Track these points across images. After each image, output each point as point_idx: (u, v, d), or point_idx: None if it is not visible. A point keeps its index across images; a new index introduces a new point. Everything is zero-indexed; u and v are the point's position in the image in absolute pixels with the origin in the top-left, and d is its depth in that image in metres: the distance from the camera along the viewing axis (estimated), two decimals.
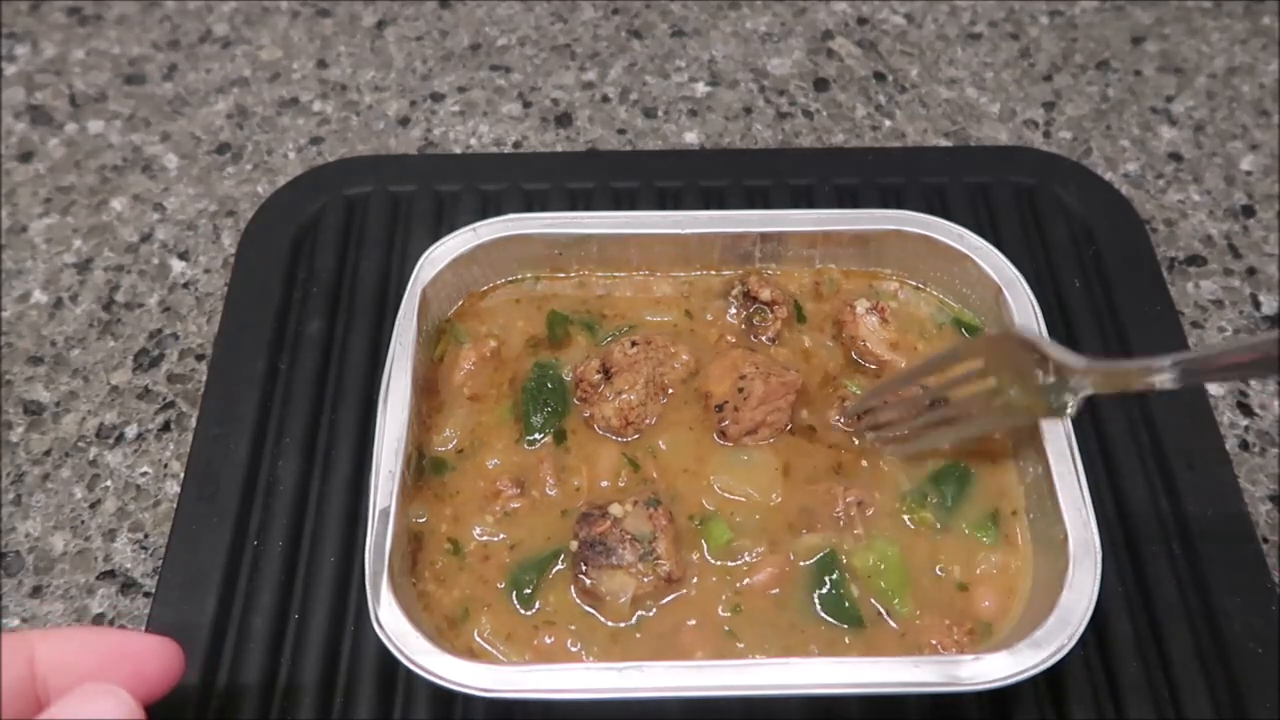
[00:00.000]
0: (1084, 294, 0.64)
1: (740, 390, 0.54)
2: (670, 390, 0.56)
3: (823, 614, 0.49)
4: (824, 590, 0.49)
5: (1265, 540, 0.56)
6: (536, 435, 0.54)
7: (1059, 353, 0.46)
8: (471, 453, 0.54)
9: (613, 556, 0.49)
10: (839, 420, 0.55)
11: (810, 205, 0.67)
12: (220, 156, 0.76)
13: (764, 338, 0.58)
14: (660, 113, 0.78)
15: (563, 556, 0.50)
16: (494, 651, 0.48)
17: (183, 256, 0.70)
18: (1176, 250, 0.70)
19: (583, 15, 0.85)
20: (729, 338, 0.58)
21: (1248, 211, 0.72)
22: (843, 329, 0.58)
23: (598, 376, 0.55)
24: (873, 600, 0.49)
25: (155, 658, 0.39)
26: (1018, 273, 0.56)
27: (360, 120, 0.78)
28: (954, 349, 0.53)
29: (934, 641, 0.48)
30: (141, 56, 0.82)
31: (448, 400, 0.56)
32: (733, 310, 0.59)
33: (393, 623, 0.45)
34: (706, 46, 0.82)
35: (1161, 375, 0.43)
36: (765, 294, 0.58)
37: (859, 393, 0.55)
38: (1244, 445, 0.61)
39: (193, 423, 0.61)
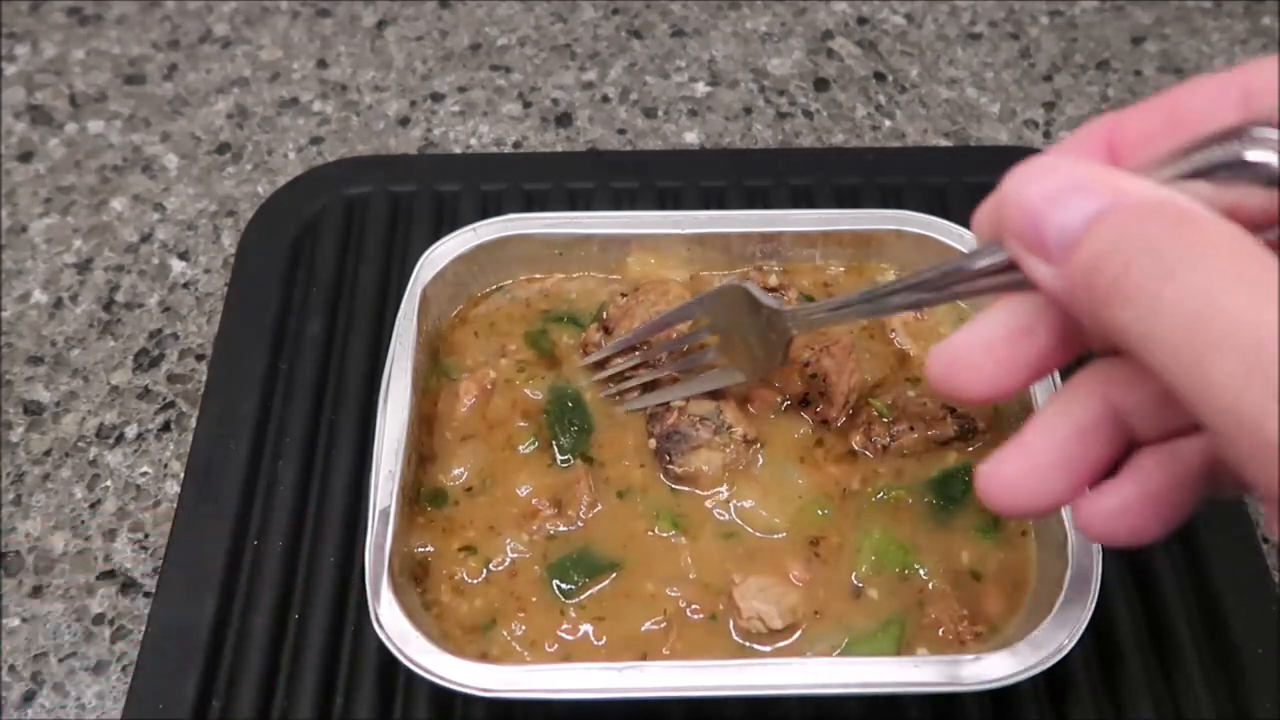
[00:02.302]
0: None
1: (813, 376, 0.54)
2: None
3: None
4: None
5: (1265, 540, 0.56)
6: (568, 456, 0.54)
7: (766, 299, 0.49)
8: (485, 489, 0.53)
9: (691, 439, 0.52)
10: (860, 444, 0.54)
11: (810, 205, 0.67)
12: (220, 156, 0.76)
13: None
14: (660, 113, 0.78)
15: (616, 572, 0.50)
16: (521, 652, 0.48)
17: (183, 256, 0.70)
18: None
19: (583, 15, 0.85)
20: None
21: None
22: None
23: (599, 335, 0.56)
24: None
25: None
26: None
27: (360, 120, 0.78)
28: (683, 306, 0.54)
29: (940, 629, 0.48)
30: (141, 56, 0.82)
31: (452, 439, 0.55)
32: None
33: (393, 623, 0.45)
34: (706, 46, 0.82)
35: (847, 310, 0.42)
36: (772, 279, 0.58)
37: (884, 415, 0.54)
38: None
39: (193, 423, 0.61)
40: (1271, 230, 0.25)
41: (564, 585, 0.50)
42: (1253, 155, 0.24)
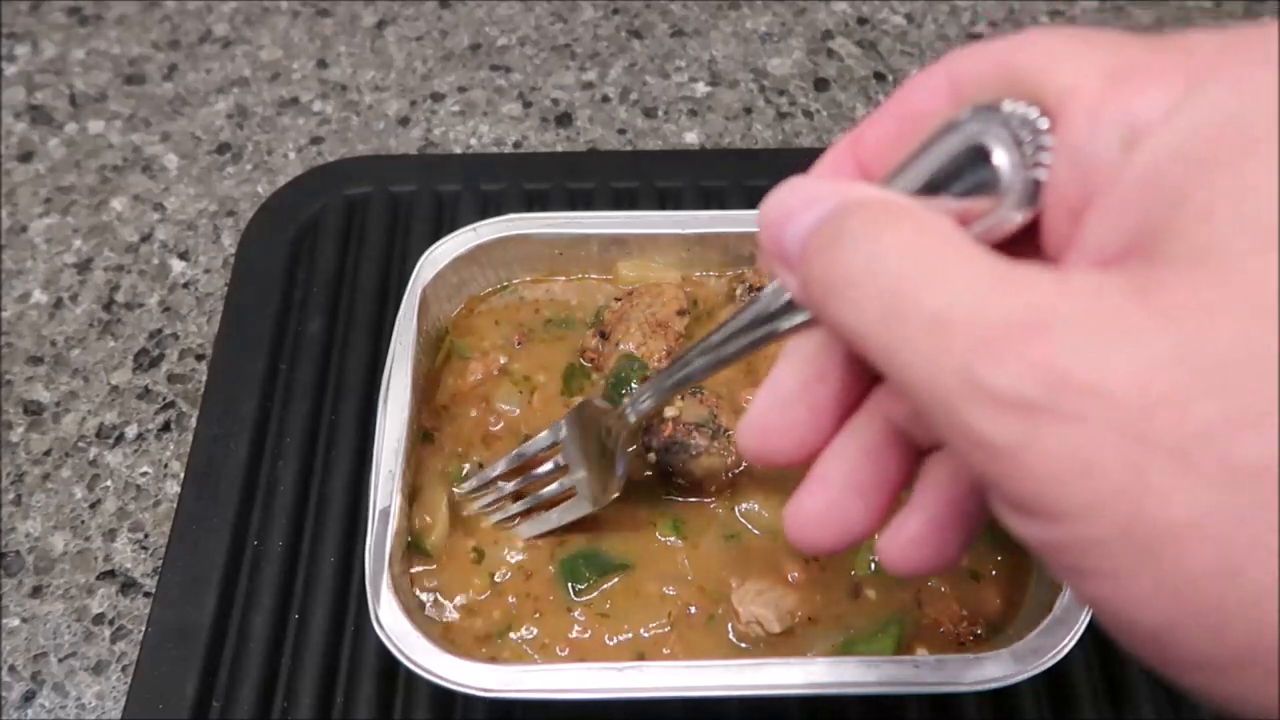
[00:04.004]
0: None
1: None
2: (669, 325, 0.56)
3: None
4: None
5: None
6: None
7: (599, 403, 0.49)
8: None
9: (689, 449, 0.51)
10: None
11: None
12: (220, 156, 0.76)
13: None
14: (660, 113, 0.78)
15: (629, 572, 0.50)
16: (532, 654, 0.48)
17: (183, 256, 0.70)
18: None
19: (583, 15, 0.85)
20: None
21: None
22: None
23: (595, 341, 0.57)
24: None
25: None
26: None
27: (360, 120, 0.78)
28: (541, 435, 0.52)
29: (940, 629, 0.48)
30: (141, 56, 0.82)
31: (450, 410, 0.55)
32: None
33: (393, 623, 0.45)
34: (706, 46, 0.82)
35: (666, 386, 0.42)
36: (768, 280, 0.58)
37: None
38: None
39: (193, 423, 0.61)
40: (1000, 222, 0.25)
41: (576, 584, 0.50)
42: (980, 175, 0.24)
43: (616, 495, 0.49)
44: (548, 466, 0.51)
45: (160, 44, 0.83)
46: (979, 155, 0.24)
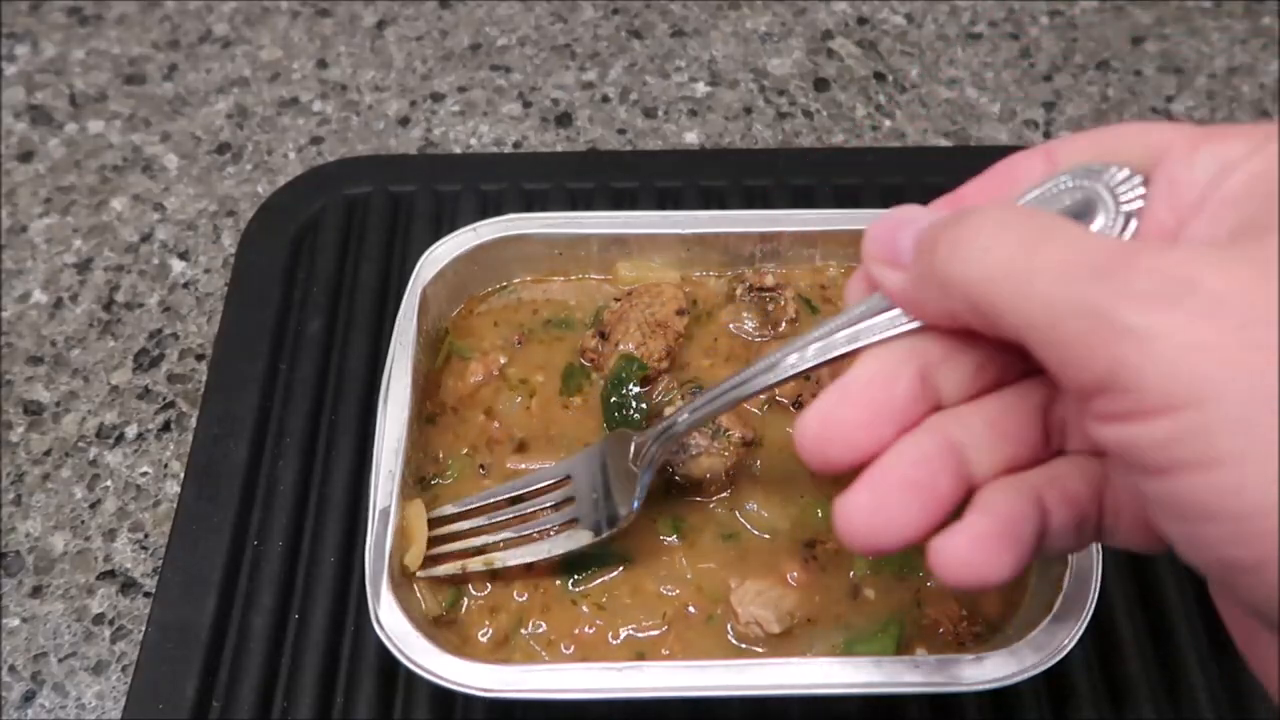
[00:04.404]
0: None
1: (806, 378, 0.54)
2: (668, 325, 0.56)
3: None
4: None
5: None
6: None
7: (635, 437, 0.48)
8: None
9: (689, 449, 0.51)
10: None
11: (810, 205, 0.67)
12: (220, 156, 0.76)
13: (784, 323, 0.58)
14: (660, 113, 0.78)
15: (628, 567, 0.50)
16: (540, 650, 0.48)
17: (183, 256, 0.70)
18: None
19: (583, 15, 0.85)
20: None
21: None
22: None
23: (595, 341, 0.56)
24: None
25: None
26: None
27: (360, 120, 0.78)
28: (558, 466, 0.51)
29: (939, 630, 0.48)
30: (141, 56, 0.82)
31: (450, 409, 0.55)
32: (746, 317, 0.59)
33: (393, 623, 0.45)
34: (706, 46, 0.82)
35: (680, 420, 0.43)
36: (769, 280, 0.58)
37: None
38: None
39: (193, 423, 0.61)
40: None
41: (575, 574, 0.50)
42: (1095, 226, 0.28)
43: (622, 527, 0.48)
44: (548, 497, 0.50)
45: (160, 44, 0.83)
46: (1077, 212, 0.28)
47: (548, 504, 0.50)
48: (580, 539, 0.49)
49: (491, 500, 0.51)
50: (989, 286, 0.26)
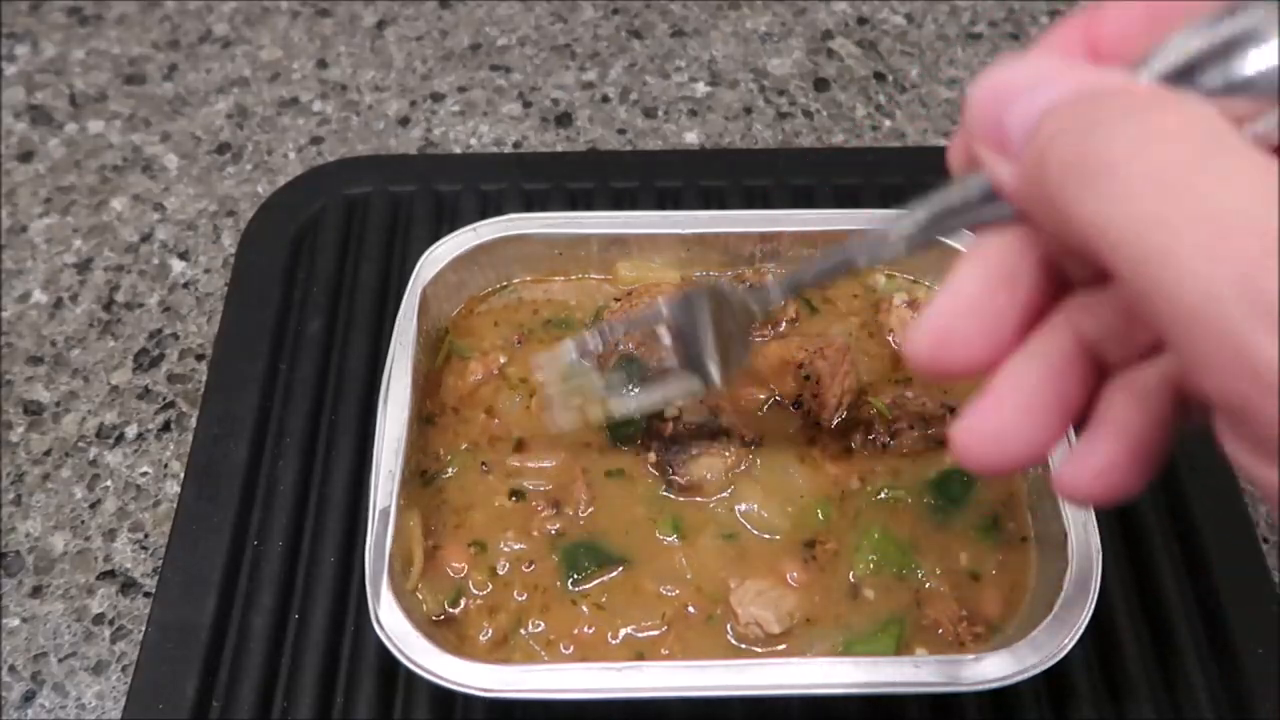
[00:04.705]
0: None
1: (807, 378, 0.54)
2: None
3: None
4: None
5: (1265, 540, 0.56)
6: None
7: (732, 290, 0.45)
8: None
9: (690, 448, 0.51)
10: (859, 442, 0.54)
11: (810, 205, 0.67)
12: (220, 156, 0.76)
13: (784, 323, 0.58)
14: (660, 113, 0.78)
15: (627, 567, 0.50)
16: (539, 650, 0.48)
17: (183, 256, 0.70)
18: None
19: (583, 15, 0.85)
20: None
21: None
22: (876, 314, 0.59)
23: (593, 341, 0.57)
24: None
25: None
26: None
27: (360, 120, 0.78)
28: (651, 310, 0.50)
29: (939, 630, 0.48)
30: (141, 56, 0.82)
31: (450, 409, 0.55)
32: None
33: (393, 623, 0.45)
34: (706, 46, 0.82)
35: (828, 270, 0.39)
36: (769, 280, 0.58)
37: (885, 414, 0.54)
38: None
39: (193, 423, 0.61)
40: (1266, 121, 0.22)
41: (575, 574, 0.50)
42: (1251, 64, 0.21)
43: (730, 380, 0.47)
44: (666, 340, 0.48)
45: (160, 44, 0.83)
46: (1248, 46, 0.21)
47: (662, 350, 0.48)
48: (693, 384, 0.47)
49: (606, 341, 0.51)
50: (1108, 242, 0.20)
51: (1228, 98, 0.21)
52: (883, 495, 0.52)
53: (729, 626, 0.49)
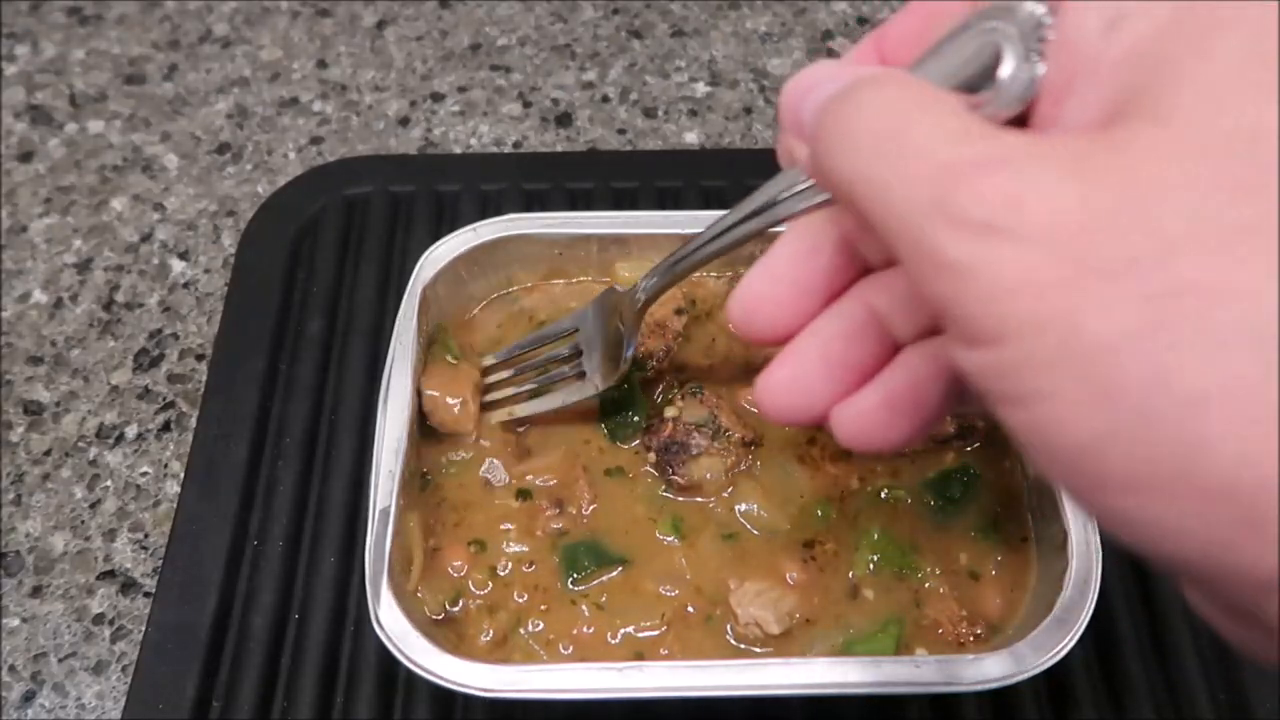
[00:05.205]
0: None
1: None
2: (667, 325, 0.56)
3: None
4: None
5: None
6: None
7: (617, 289, 0.50)
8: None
9: (690, 449, 0.51)
10: None
11: None
12: (220, 156, 0.76)
13: None
14: (660, 113, 0.78)
15: (627, 567, 0.50)
16: (539, 650, 0.48)
17: (183, 256, 0.70)
18: None
19: (583, 15, 0.85)
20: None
21: None
22: None
23: None
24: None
25: None
26: None
27: (360, 120, 0.78)
28: (562, 321, 0.55)
29: (939, 630, 0.48)
30: (141, 56, 0.82)
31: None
32: None
33: (393, 623, 0.45)
34: (706, 46, 0.82)
35: (679, 265, 0.44)
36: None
37: None
38: None
39: (193, 423, 0.61)
40: None
41: (574, 573, 0.50)
42: (1003, 69, 0.25)
43: (615, 381, 0.51)
44: (563, 350, 0.53)
45: (160, 44, 0.83)
46: (989, 56, 0.25)
47: (562, 356, 0.54)
48: (585, 389, 0.52)
49: (517, 353, 0.55)
50: (853, 189, 0.24)
51: (976, 94, 0.25)
52: (883, 495, 0.52)
53: (728, 627, 0.49)
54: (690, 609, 0.49)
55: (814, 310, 0.30)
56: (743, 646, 0.48)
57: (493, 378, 0.55)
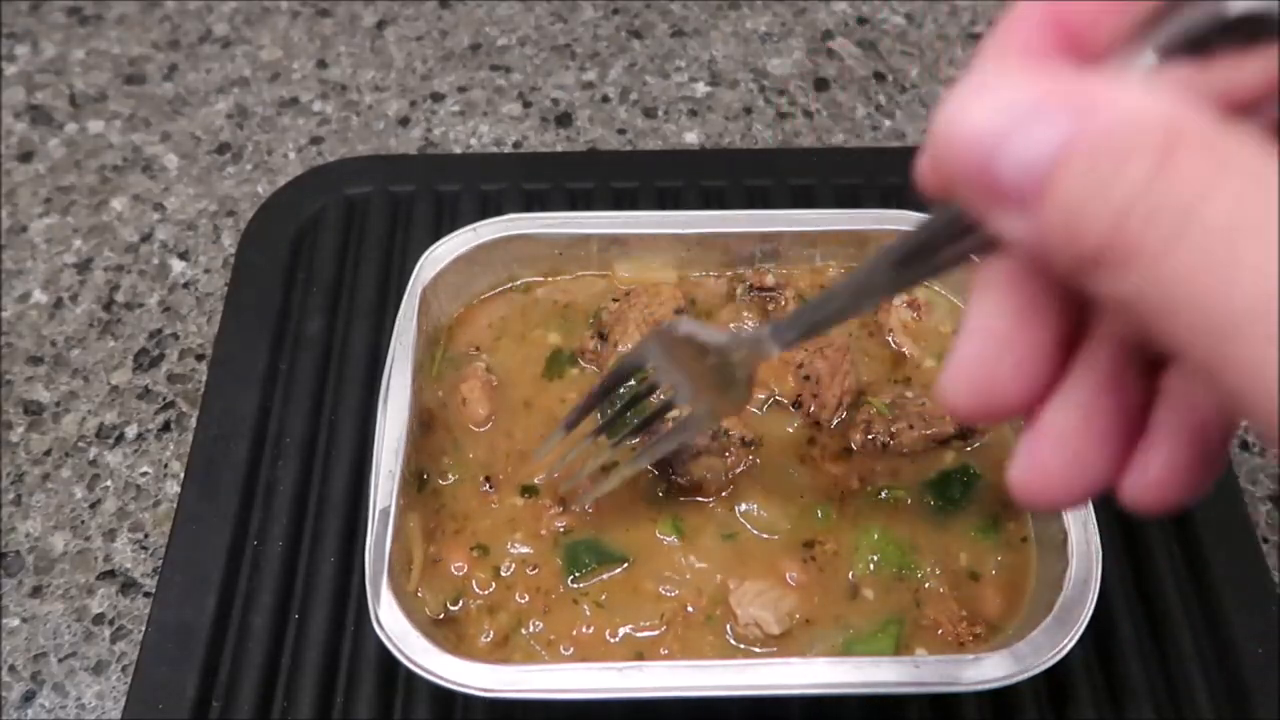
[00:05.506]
0: None
1: (806, 378, 0.54)
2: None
3: None
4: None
5: (1265, 540, 0.56)
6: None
7: (712, 336, 0.42)
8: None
9: (690, 448, 0.51)
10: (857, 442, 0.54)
11: (810, 205, 0.67)
12: (220, 156, 0.76)
13: None
14: (660, 113, 0.78)
15: (628, 566, 0.50)
16: (540, 650, 0.48)
17: (183, 256, 0.70)
18: None
19: (583, 15, 0.85)
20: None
21: None
22: (875, 314, 0.59)
23: (594, 342, 0.57)
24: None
25: None
26: None
27: (360, 120, 0.78)
28: (622, 364, 0.47)
29: (939, 630, 0.48)
30: (141, 56, 0.82)
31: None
32: (747, 317, 0.59)
33: (393, 623, 0.45)
34: (706, 46, 0.82)
35: (769, 345, 0.38)
36: (769, 280, 0.58)
37: (884, 413, 0.54)
38: (1244, 445, 0.61)
39: (193, 423, 0.61)
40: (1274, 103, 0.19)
41: (575, 571, 0.50)
42: (1236, 6, 0.18)
43: (739, 409, 0.46)
44: (649, 395, 0.46)
45: (160, 44, 0.83)
46: (1242, 22, 0.18)
47: (648, 400, 0.47)
48: (705, 422, 0.46)
49: (590, 415, 0.49)
50: (1169, 335, 0.18)
51: (1239, 56, 0.19)
52: (883, 495, 0.52)
53: (728, 627, 0.49)
54: (690, 609, 0.49)
55: (1052, 371, 0.24)
56: (742, 646, 0.48)
57: (565, 458, 0.50)
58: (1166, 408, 0.23)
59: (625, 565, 0.50)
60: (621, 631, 0.49)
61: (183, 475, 0.58)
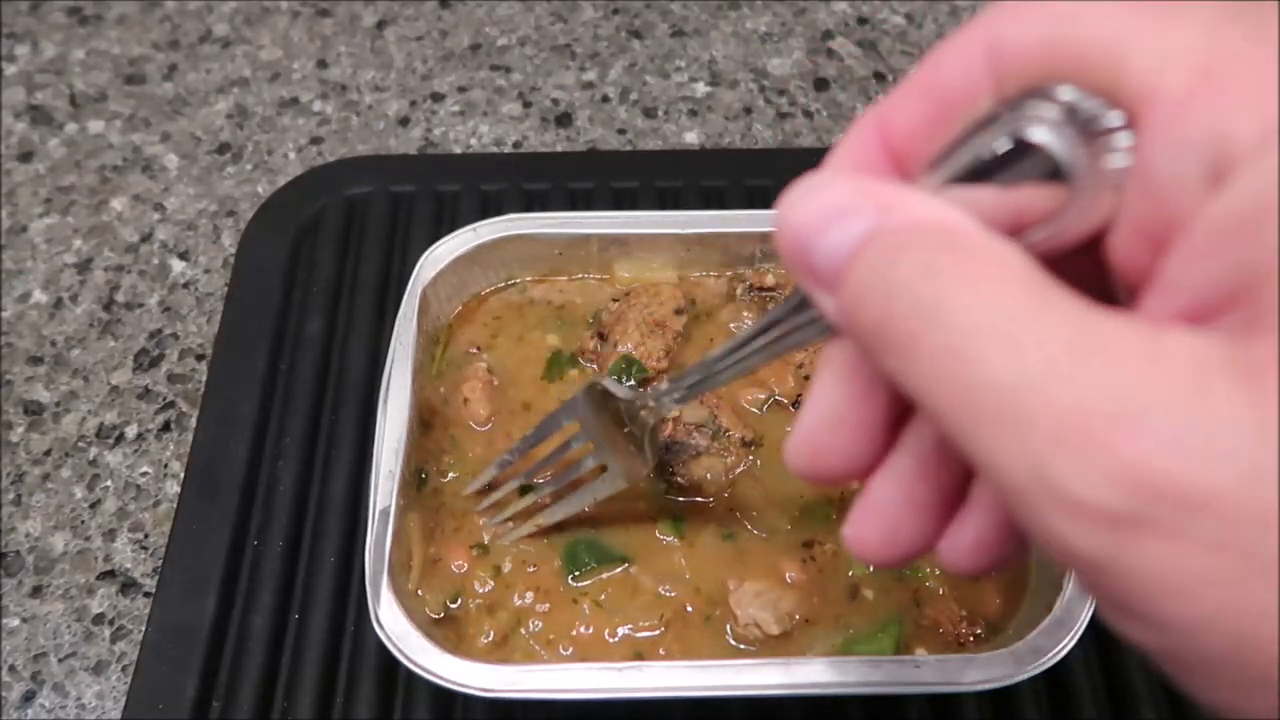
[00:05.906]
0: None
1: (806, 377, 0.55)
2: (667, 325, 0.56)
3: None
4: None
5: None
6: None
7: (619, 390, 0.45)
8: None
9: (690, 449, 0.51)
10: None
11: None
12: (220, 156, 0.76)
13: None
14: (660, 113, 0.78)
15: (628, 565, 0.50)
16: (539, 650, 0.48)
17: (183, 256, 0.70)
18: None
19: (583, 15, 0.85)
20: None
21: None
22: None
23: (594, 342, 0.57)
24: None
25: None
26: None
27: (360, 120, 0.78)
28: (551, 416, 0.50)
29: (939, 630, 0.48)
30: (141, 56, 0.82)
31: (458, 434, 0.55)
32: (746, 317, 0.59)
33: (393, 623, 0.45)
34: (706, 46, 0.82)
35: (691, 388, 0.39)
36: (769, 280, 0.59)
37: None
38: None
39: (193, 423, 0.61)
40: (1061, 222, 0.21)
41: (575, 569, 0.50)
42: (1035, 134, 0.21)
43: (646, 475, 0.47)
44: (569, 447, 0.49)
45: (160, 44, 0.83)
46: (1030, 150, 0.21)
47: (572, 453, 0.49)
48: (615, 483, 0.47)
49: (513, 461, 0.51)
50: (931, 416, 0.20)
51: (1024, 187, 0.21)
52: None
53: (728, 627, 0.49)
54: (689, 609, 0.49)
55: (883, 442, 0.25)
56: (742, 647, 0.48)
57: (493, 497, 0.51)
58: (979, 483, 0.25)
59: (625, 565, 0.50)
60: (621, 631, 0.49)
61: (183, 475, 0.58)
